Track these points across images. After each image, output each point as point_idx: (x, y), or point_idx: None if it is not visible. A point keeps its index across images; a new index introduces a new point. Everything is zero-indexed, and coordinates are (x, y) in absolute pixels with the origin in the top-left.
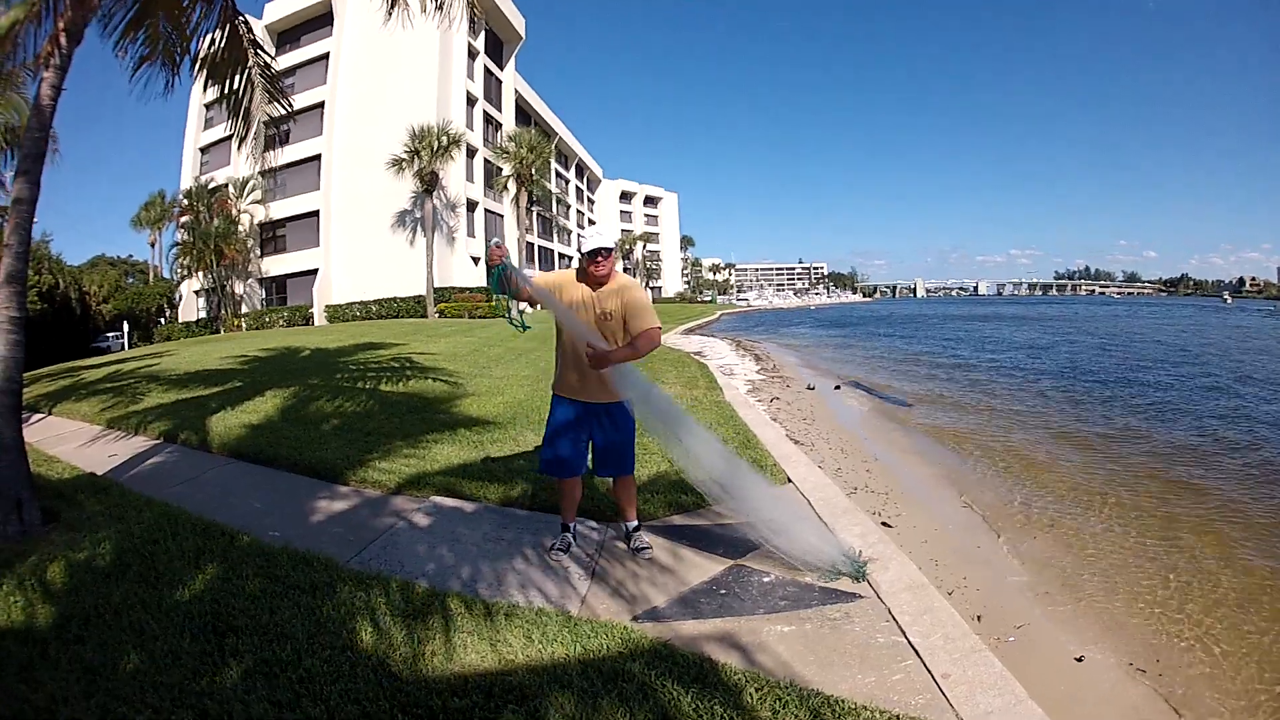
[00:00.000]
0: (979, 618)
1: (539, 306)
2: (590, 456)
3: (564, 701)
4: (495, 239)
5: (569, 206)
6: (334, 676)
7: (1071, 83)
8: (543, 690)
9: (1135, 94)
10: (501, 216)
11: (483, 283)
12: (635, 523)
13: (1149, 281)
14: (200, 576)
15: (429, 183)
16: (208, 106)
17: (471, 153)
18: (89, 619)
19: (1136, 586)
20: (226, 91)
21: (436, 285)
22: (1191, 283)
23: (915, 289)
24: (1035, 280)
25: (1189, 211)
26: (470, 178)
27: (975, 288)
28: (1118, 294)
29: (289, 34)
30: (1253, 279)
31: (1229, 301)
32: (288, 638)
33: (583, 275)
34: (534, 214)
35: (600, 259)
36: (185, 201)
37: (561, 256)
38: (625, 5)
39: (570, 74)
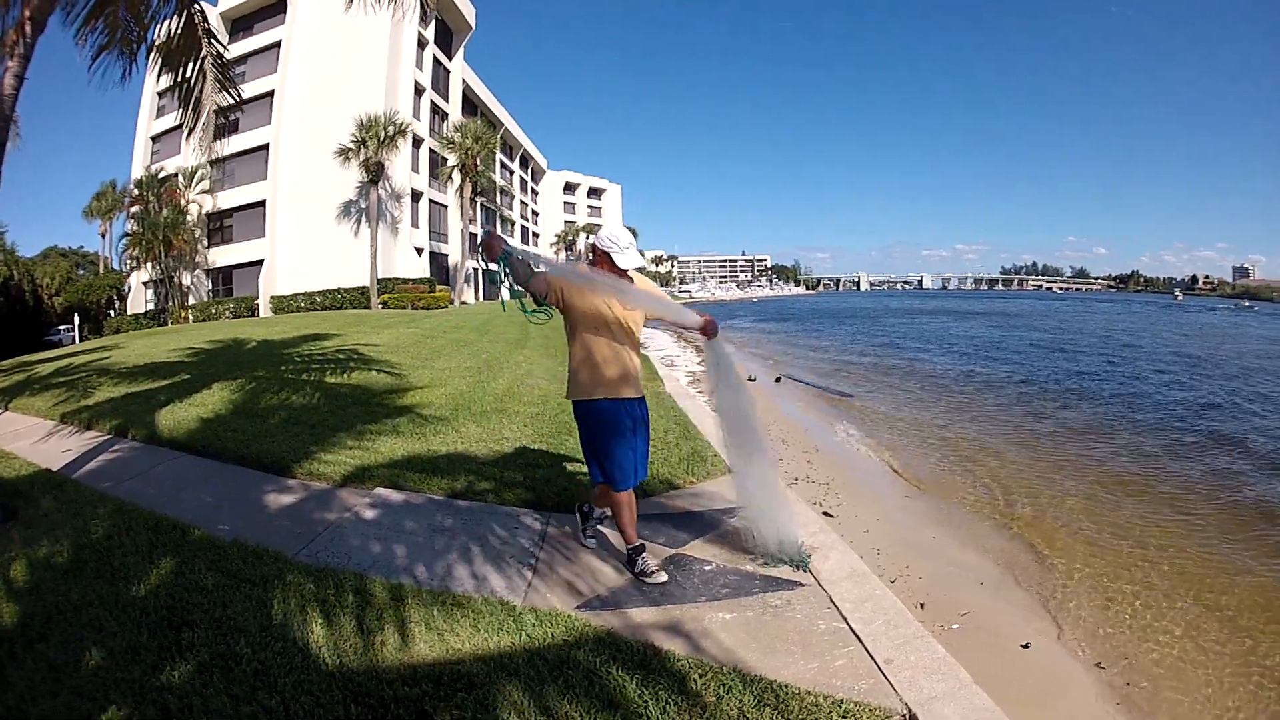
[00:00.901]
0: (922, 605)
1: (549, 298)
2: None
3: (511, 689)
4: (486, 226)
5: (513, 197)
6: (288, 668)
7: (1022, 81)
8: (490, 679)
9: (1089, 92)
10: (445, 207)
11: (425, 274)
12: (604, 512)
13: (1098, 278)
14: (155, 571)
15: (375, 173)
16: (160, 95)
17: (417, 143)
18: (51, 617)
19: (1084, 574)
20: (179, 80)
21: (380, 276)
22: (1142, 279)
23: (859, 282)
24: (981, 275)
25: (1141, 210)
26: (415, 168)
27: (920, 281)
28: (1062, 289)
29: (243, 21)
30: (1205, 277)
31: (1180, 299)
32: (241, 631)
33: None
34: (478, 205)
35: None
36: (136, 191)
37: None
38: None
39: (515, 65)
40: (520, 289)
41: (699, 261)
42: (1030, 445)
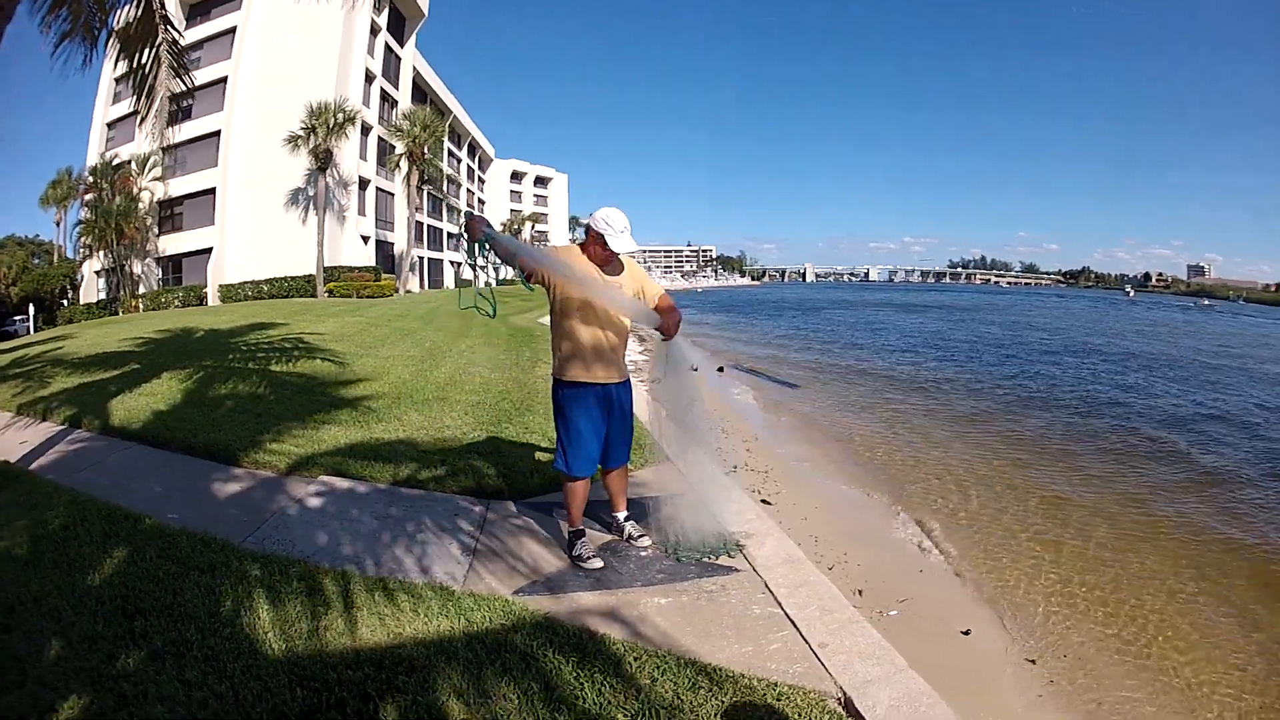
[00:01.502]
0: (860, 592)
1: (533, 277)
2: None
3: (451, 672)
4: (468, 208)
5: (460, 186)
6: (236, 654)
7: (971, 71)
8: (431, 662)
9: (1046, 88)
10: (392, 195)
11: (371, 262)
12: (626, 513)
13: (1048, 273)
14: (109, 561)
15: (323, 160)
16: (117, 81)
17: (366, 130)
18: (13, 608)
19: (1020, 561)
20: (135, 66)
21: (326, 264)
22: (1093, 275)
23: (805, 274)
24: (929, 268)
25: (1094, 207)
26: (364, 156)
27: (867, 274)
28: (1011, 284)
29: (200, 6)
30: (1159, 274)
31: (1132, 295)
32: (191, 618)
33: (593, 257)
34: (425, 193)
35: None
36: (90, 179)
37: (450, 235)
38: None
39: (465, 52)
40: (483, 268)
41: (645, 251)
42: (977, 438)
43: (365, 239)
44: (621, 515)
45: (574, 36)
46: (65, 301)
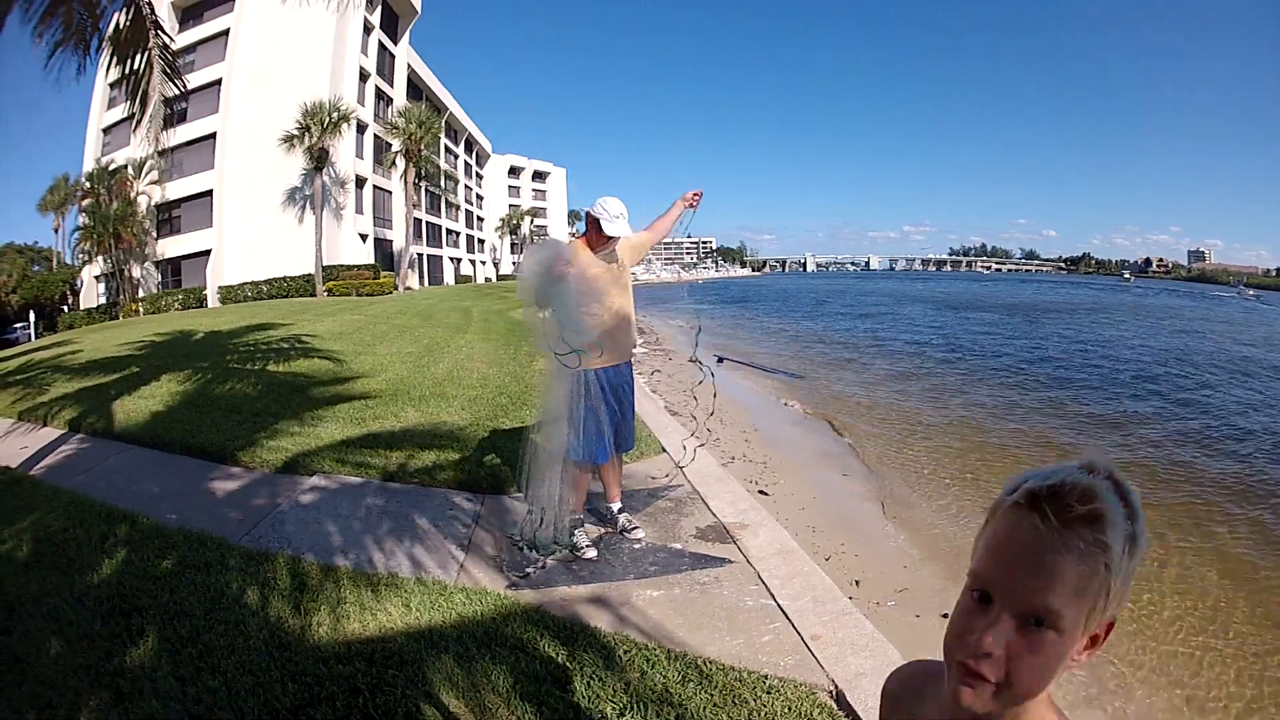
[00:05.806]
0: (857, 583)
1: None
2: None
3: (441, 664)
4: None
5: (457, 182)
6: (230, 650)
7: (970, 59)
8: (421, 656)
9: (1036, 73)
10: (390, 193)
11: (370, 260)
12: (620, 504)
13: (1048, 259)
14: (107, 561)
15: (319, 159)
16: (112, 86)
17: (362, 128)
18: (13, 609)
19: None
20: (128, 71)
21: (325, 263)
22: (1094, 262)
23: (805, 263)
24: (929, 256)
25: (1092, 195)
26: (360, 154)
27: (867, 263)
28: (1012, 270)
29: (193, 10)
30: (1159, 260)
31: (1130, 280)
32: (187, 615)
33: (591, 243)
34: (422, 189)
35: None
36: (87, 184)
37: (449, 232)
38: None
39: (457, 51)
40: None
41: None
42: (980, 431)
43: (363, 237)
44: (615, 506)
45: (569, 30)
46: (65, 307)
